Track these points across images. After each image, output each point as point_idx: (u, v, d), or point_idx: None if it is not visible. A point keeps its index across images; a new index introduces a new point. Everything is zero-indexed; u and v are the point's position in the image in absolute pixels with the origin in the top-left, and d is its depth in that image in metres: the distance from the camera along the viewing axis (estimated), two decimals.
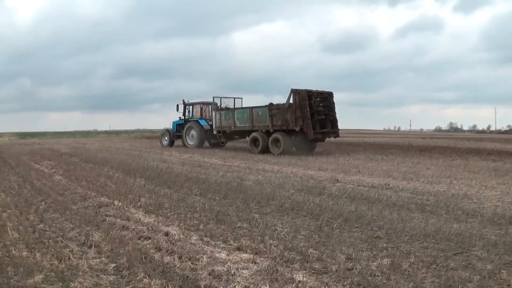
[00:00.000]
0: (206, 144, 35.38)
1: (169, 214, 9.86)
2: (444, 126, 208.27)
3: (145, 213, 10.05)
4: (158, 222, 9.21)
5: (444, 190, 12.93)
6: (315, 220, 9.20)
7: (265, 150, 27.72)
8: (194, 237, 7.96)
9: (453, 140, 48.24)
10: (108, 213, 10.11)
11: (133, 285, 5.80)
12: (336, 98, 27.93)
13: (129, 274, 6.13)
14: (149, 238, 7.88)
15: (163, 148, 34.11)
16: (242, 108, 31.16)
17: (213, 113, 32.32)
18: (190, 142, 34.81)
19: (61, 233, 8.27)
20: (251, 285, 5.66)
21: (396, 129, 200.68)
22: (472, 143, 42.40)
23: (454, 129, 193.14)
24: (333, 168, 18.94)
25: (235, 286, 5.65)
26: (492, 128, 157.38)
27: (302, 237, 7.93)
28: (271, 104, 27.78)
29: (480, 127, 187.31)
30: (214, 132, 32.52)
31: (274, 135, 27.45)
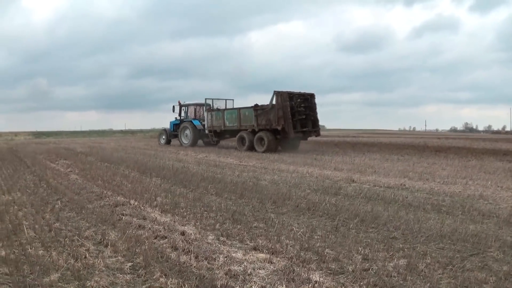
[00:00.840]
0: (201, 143, 38.02)
1: (185, 214, 9.87)
2: (459, 126, 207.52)
3: (161, 213, 10.08)
4: (174, 221, 9.23)
5: (460, 191, 12.88)
6: (331, 220, 9.20)
7: (251, 148, 29.77)
8: (210, 237, 7.98)
9: (469, 141, 48.10)
10: (124, 212, 10.15)
11: (149, 284, 5.82)
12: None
13: (145, 273, 6.16)
14: (166, 238, 7.91)
15: (179, 148, 34.15)
16: (231, 109, 33.35)
17: (205, 113, 34.46)
18: (185, 141, 37.06)
19: (77, 232, 8.32)
20: (268, 285, 5.67)
21: (411, 129, 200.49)
22: (488, 143, 42.21)
23: (469, 130, 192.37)
24: (349, 168, 18.91)
25: (251, 286, 5.67)
26: (508, 129, 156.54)
27: (318, 237, 7.93)
28: (256, 105, 29.67)
29: (495, 127, 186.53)
30: (206, 131, 34.72)
31: (259, 134, 29.47)
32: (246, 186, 13.44)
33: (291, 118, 27.87)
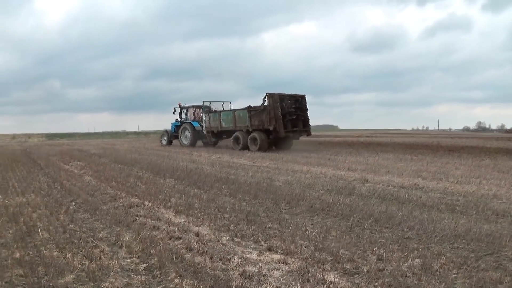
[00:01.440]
0: (201, 143, 39.53)
1: (199, 215, 9.89)
2: (472, 125, 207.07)
3: (175, 213, 10.11)
4: (188, 222, 9.27)
5: (473, 190, 12.85)
6: (345, 221, 9.20)
7: (245, 147, 31.50)
8: (224, 238, 8.01)
9: (482, 140, 47.94)
10: (138, 213, 10.20)
11: (164, 285, 5.85)
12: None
13: (160, 274, 6.19)
14: (180, 238, 7.94)
15: (192, 149, 34.28)
16: (226, 110, 34.98)
17: (203, 115, 36.13)
18: (185, 141, 38.95)
19: (92, 233, 8.37)
20: (283, 286, 5.70)
21: (425, 129, 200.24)
22: (501, 142, 42.07)
23: (482, 129, 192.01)
24: (362, 168, 18.88)
25: (266, 287, 5.68)
26: None
27: (332, 237, 7.93)
28: (249, 106, 31.24)
29: (508, 126, 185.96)
30: (204, 132, 36.63)
31: (252, 134, 31.12)
32: (260, 186, 13.46)
33: (282, 119, 29.44)
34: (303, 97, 31.61)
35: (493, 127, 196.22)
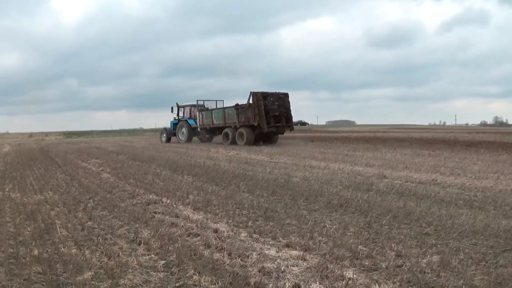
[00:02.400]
0: (197, 140, 42.09)
1: (217, 211, 9.94)
2: (490, 120, 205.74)
3: (193, 210, 10.15)
4: (206, 219, 9.30)
5: (491, 186, 12.81)
6: (363, 217, 9.20)
7: (234, 142, 34.15)
8: (243, 234, 8.04)
9: (499, 135, 47.53)
10: (156, 210, 10.25)
11: (183, 282, 5.87)
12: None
13: (178, 271, 6.22)
14: (198, 235, 7.97)
15: (210, 145, 34.47)
16: (217, 108, 37.39)
17: (197, 113, 39.02)
18: (182, 138, 41.71)
19: (110, 231, 8.44)
20: (301, 282, 5.70)
21: (442, 123, 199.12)
22: None
23: (499, 123, 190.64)
24: (380, 164, 18.83)
25: (285, 283, 5.69)
26: None
27: (351, 233, 7.93)
28: (237, 104, 33.61)
29: None
30: (198, 129, 39.46)
31: (239, 130, 33.82)
32: (278, 183, 13.48)
33: (265, 115, 31.89)
34: (286, 95, 34.13)
35: (511, 121, 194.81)
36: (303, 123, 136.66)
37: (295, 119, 37.32)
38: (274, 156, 23.69)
